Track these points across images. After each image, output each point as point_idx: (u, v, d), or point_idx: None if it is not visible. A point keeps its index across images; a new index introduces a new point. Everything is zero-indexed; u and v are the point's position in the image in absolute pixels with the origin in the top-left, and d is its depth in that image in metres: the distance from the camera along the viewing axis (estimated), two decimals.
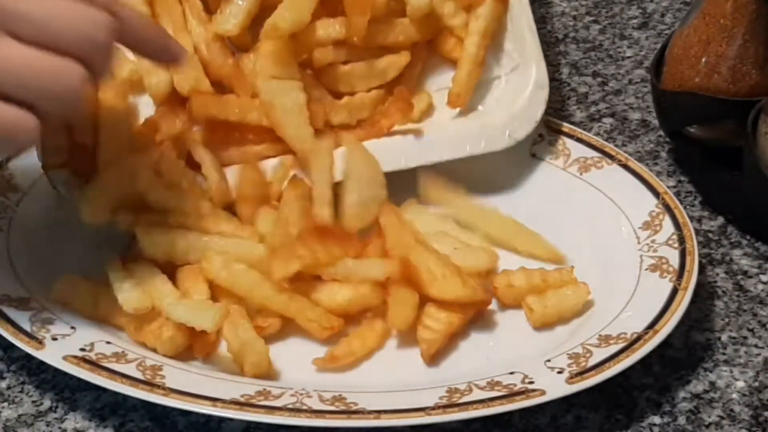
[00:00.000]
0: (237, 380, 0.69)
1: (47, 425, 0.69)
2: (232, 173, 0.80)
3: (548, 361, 0.70)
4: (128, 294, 0.71)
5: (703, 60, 0.83)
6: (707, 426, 0.69)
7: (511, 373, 0.69)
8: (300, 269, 0.71)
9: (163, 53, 0.71)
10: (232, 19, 0.82)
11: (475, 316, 0.74)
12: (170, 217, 0.75)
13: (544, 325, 0.74)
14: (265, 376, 0.69)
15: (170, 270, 0.74)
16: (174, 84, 0.82)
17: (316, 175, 0.78)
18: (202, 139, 0.81)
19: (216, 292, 0.73)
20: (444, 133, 0.84)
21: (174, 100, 0.82)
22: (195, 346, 0.71)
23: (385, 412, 0.65)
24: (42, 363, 0.69)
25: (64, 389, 0.71)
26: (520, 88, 0.85)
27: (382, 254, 0.74)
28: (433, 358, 0.71)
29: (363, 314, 0.74)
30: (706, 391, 0.71)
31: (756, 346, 0.75)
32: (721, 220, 0.85)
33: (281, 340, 0.74)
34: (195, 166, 0.80)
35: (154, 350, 0.71)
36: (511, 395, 0.66)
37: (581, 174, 0.84)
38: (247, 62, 0.82)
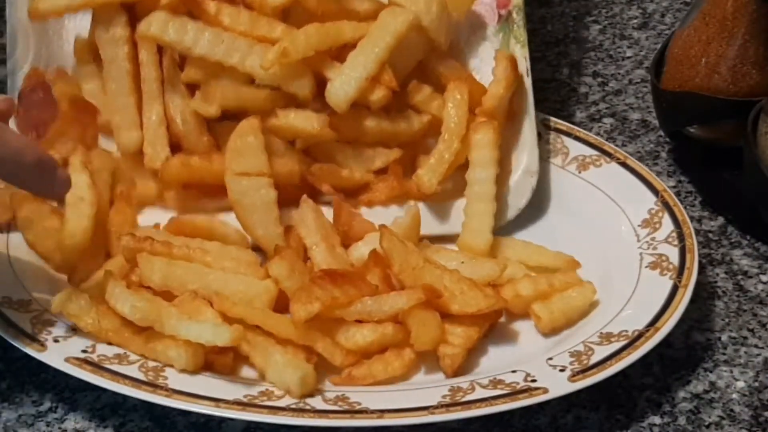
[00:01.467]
0: (239, 381, 0.69)
1: (47, 425, 0.69)
2: None
3: (550, 359, 0.70)
4: (135, 304, 0.70)
5: (703, 60, 0.83)
6: (707, 426, 0.69)
7: (514, 371, 0.69)
8: (320, 310, 0.70)
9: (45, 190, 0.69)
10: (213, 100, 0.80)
11: (489, 328, 0.74)
12: (174, 249, 0.74)
13: (553, 331, 0.73)
14: (312, 393, 0.68)
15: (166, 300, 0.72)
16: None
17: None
18: (175, 199, 0.81)
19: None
20: (424, 209, 0.81)
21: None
22: (216, 367, 0.70)
23: (388, 411, 0.65)
24: (42, 363, 0.69)
25: (64, 389, 0.71)
26: (507, 173, 0.82)
27: (382, 281, 0.73)
28: (456, 373, 0.70)
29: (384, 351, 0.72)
30: (706, 391, 0.72)
31: (756, 346, 0.75)
32: (721, 220, 0.85)
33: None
34: None
35: (170, 365, 0.69)
36: (514, 393, 0.66)
37: (580, 172, 0.84)
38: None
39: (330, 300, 0.70)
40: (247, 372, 0.71)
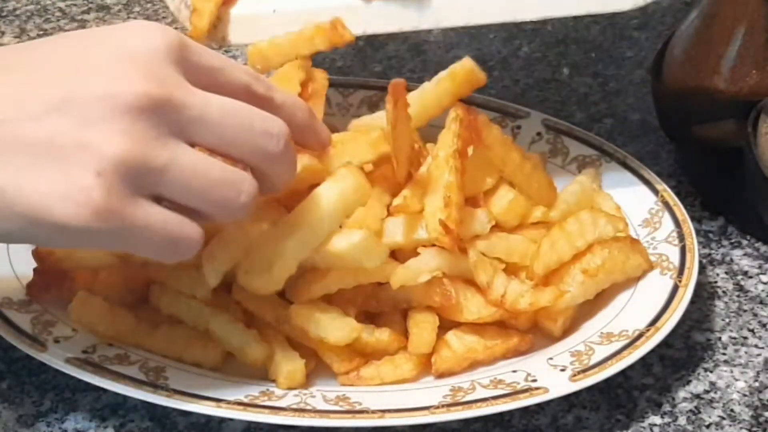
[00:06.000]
0: (240, 381, 0.69)
1: (47, 425, 0.69)
2: None
3: (551, 358, 0.70)
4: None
5: (703, 60, 0.83)
6: (707, 426, 0.69)
7: (514, 371, 0.69)
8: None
9: (314, 142, 0.68)
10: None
11: (510, 354, 0.72)
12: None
13: (566, 332, 0.73)
14: (298, 388, 0.68)
15: None
16: None
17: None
18: None
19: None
20: None
21: None
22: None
23: (389, 411, 0.65)
24: (42, 363, 0.69)
25: (65, 389, 0.71)
26: None
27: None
28: (442, 375, 0.70)
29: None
30: (706, 392, 0.72)
31: (756, 346, 0.75)
32: (721, 220, 0.85)
33: None
34: None
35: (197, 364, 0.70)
36: (515, 393, 0.66)
37: (580, 172, 0.84)
38: None
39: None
40: (248, 371, 0.71)
